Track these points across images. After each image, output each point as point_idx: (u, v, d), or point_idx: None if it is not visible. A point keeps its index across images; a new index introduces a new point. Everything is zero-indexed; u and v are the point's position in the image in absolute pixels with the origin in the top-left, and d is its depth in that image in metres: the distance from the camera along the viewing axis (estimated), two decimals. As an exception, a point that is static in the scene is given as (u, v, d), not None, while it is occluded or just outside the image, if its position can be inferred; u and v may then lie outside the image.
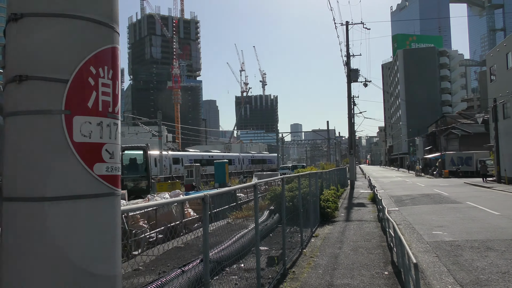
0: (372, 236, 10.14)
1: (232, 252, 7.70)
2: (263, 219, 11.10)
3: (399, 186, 32.13)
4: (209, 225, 4.84)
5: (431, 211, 15.69)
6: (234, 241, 8.68)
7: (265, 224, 10.30)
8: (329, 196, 13.63)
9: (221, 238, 9.61)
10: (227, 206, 14.19)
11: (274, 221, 11.03)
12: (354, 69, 31.45)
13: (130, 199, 14.70)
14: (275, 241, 9.45)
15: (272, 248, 8.79)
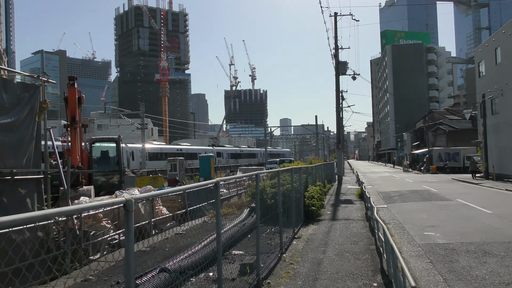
0: (360, 237, 9.29)
1: (200, 258, 6.76)
2: (242, 218, 10.15)
3: (387, 182, 31.55)
4: (182, 226, 3.81)
5: (421, 208, 14.96)
6: (205, 245, 7.76)
7: (243, 224, 9.37)
8: (314, 193, 12.76)
9: (194, 239, 8.65)
10: (206, 203, 13.23)
11: (254, 220, 10.10)
12: (343, 61, 30.63)
13: (100, 195, 13.61)
14: (253, 243, 8.54)
15: (247, 252, 7.87)
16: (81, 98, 13.09)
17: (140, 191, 11.04)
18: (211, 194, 13.35)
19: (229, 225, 8.68)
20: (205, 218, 10.99)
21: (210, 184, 4.46)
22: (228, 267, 6.63)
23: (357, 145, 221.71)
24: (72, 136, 12.34)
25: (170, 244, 8.32)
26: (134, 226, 7.64)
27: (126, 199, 2.68)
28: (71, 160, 12.07)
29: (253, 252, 7.86)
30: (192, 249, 7.38)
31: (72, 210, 2.81)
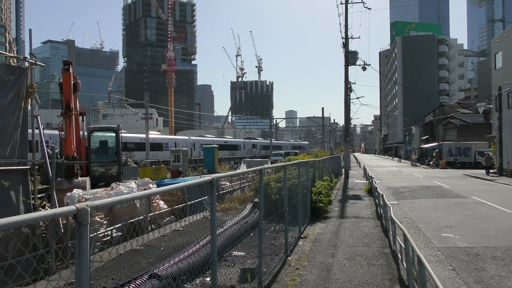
0: (372, 239, 8.55)
1: (197, 261, 6.09)
2: (244, 214, 9.45)
3: (396, 177, 30.68)
4: (180, 221, 3.37)
5: (435, 206, 14.16)
6: (204, 244, 7.09)
7: (245, 222, 8.67)
8: (321, 189, 12.02)
9: (193, 237, 7.97)
10: (207, 197, 12.57)
11: (257, 217, 9.39)
12: (353, 51, 29.62)
13: (97, 187, 12.99)
14: (256, 242, 7.84)
15: (249, 253, 7.17)
16: (77, 84, 12.39)
17: (137, 184, 10.39)
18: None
19: (230, 223, 7.96)
20: (206, 213, 10.33)
21: (204, 181, 3.74)
22: (227, 271, 5.94)
23: (363, 138, 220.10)
24: (67, 124, 11.67)
25: (166, 242, 7.67)
26: (128, 222, 6.93)
27: (77, 208, 1.96)
28: (66, 150, 11.45)
29: (255, 253, 7.17)
30: (189, 249, 6.71)
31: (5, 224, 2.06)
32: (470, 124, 53.03)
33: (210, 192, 3.61)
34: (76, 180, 11.47)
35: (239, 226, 8.11)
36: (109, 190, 9.99)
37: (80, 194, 9.10)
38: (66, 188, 10.60)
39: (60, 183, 11.05)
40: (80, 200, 8.79)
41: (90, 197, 9.05)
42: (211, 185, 3.59)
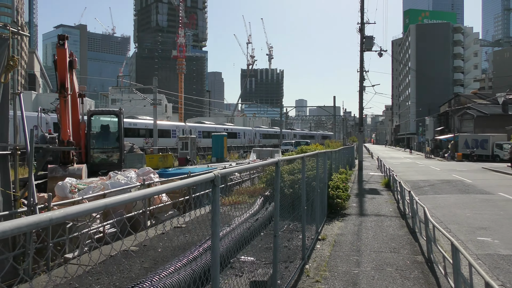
0: (399, 242, 7.51)
1: (198, 269, 5.15)
2: (254, 210, 8.45)
3: (412, 169, 29.46)
4: (183, 216, 2.71)
5: (460, 203, 13.04)
6: (207, 248, 6.14)
7: (255, 220, 7.67)
8: (339, 182, 10.97)
9: (194, 236, 7.03)
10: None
11: (268, 214, 8.37)
12: (369, 36, 28.15)
13: (97, 175, 12.10)
14: (268, 245, 6.86)
15: (260, 258, 6.19)
16: (73, 62, 11.39)
17: (137, 173, 9.46)
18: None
19: (238, 220, 6.93)
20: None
21: (203, 180, 2.69)
22: (234, 282, 4.97)
23: (374, 129, 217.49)
24: (62, 106, 10.71)
25: (165, 242, 6.74)
26: (125, 217, 5.92)
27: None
28: (61, 134, 10.54)
29: (267, 258, 6.19)
30: (191, 253, 5.76)
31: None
32: (488, 115, 51.25)
33: (212, 194, 2.60)
34: (71, 168, 10.58)
35: (248, 225, 7.11)
36: (105, 179, 9.08)
37: (73, 183, 8.21)
38: (60, 176, 9.74)
39: (54, 170, 10.18)
40: (72, 190, 7.90)
41: (83, 187, 8.16)
42: (213, 185, 2.57)
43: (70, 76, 11.20)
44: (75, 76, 12.03)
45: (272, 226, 8.22)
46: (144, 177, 8.88)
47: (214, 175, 2.51)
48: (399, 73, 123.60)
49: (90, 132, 13.54)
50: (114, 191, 7.49)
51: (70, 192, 7.77)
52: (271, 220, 8.16)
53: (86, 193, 7.70)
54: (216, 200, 2.58)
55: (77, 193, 7.76)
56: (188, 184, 2.27)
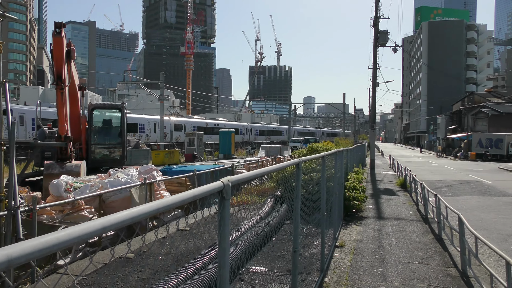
0: (426, 251, 6.76)
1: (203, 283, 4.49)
2: (264, 212, 7.74)
3: (425, 168, 28.52)
4: (188, 217, 2.27)
5: (483, 206, 12.22)
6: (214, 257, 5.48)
7: (266, 224, 6.95)
8: (355, 183, 10.23)
9: (199, 241, 6.36)
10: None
11: (280, 216, 7.63)
12: (383, 31, 27.26)
13: (98, 172, 11.48)
14: (280, 253, 6.16)
15: (272, 268, 5.48)
16: (71, 51, 10.73)
17: (139, 171, 8.82)
18: (227, 175, 10.73)
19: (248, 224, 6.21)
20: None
21: (211, 190, 1.98)
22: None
23: (383, 127, 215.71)
24: (58, 98, 10.07)
25: (166, 247, 6.07)
26: None
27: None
28: (58, 128, 9.91)
29: (280, 268, 5.50)
30: (194, 263, 5.08)
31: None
32: (503, 114, 50.00)
33: (219, 209, 1.90)
34: (69, 164, 9.95)
35: (258, 230, 6.39)
36: (104, 177, 8.45)
37: (68, 181, 7.58)
38: (56, 173, 9.13)
39: (50, 167, 9.57)
40: (67, 189, 7.28)
41: (80, 185, 7.53)
42: (221, 197, 1.88)
43: (68, 67, 10.54)
44: (74, 67, 11.39)
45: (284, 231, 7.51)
46: (146, 175, 8.24)
47: (223, 184, 1.81)
48: (410, 71, 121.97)
49: (91, 127, 12.93)
50: (113, 191, 6.84)
51: (65, 191, 7.15)
52: (283, 223, 7.45)
53: (82, 192, 7.08)
54: (225, 218, 1.88)
55: (72, 192, 7.15)
56: (186, 200, 1.57)
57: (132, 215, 1.23)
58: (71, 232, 1.01)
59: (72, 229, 1.04)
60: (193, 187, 9.51)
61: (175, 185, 9.44)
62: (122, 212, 1.24)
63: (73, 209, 6.49)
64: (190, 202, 1.58)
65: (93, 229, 1.07)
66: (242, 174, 2.25)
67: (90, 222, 1.12)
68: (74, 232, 1.01)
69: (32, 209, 4.54)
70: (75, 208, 6.56)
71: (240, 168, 14.18)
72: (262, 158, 18.09)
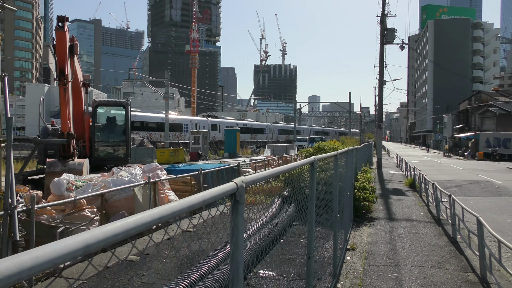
0: (442, 255, 6.47)
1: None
2: (271, 213, 7.47)
3: (433, 168, 28.12)
4: (193, 217, 2.14)
5: (496, 207, 11.89)
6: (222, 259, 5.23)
7: (275, 225, 6.68)
8: (365, 183, 9.95)
9: (205, 243, 6.11)
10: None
11: (288, 217, 7.36)
12: (390, 28, 26.87)
13: (102, 171, 11.28)
14: (290, 256, 5.92)
15: (282, 273, 5.23)
16: (74, 46, 10.49)
17: (143, 169, 8.60)
18: (233, 174, 10.42)
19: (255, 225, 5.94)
20: (225, 209, 8.44)
21: (223, 193, 1.72)
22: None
23: (388, 126, 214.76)
24: (61, 94, 9.84)
25: (171, 250, 5.83)
26: None
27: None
28: (61, 125, 9.69)
29: (290, 272, 5.25)
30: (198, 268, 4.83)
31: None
32: (511, 113, 49.35)
33: (233, 216, 1.65)
34: (71, 162, 9.73)
35: (267, 231, 6.12)
36: (107, 176, 8.23)
37: (70, 180, 7.37)
38: (58, 171, 8.93)
39: (52, 165, 9.36)
40: (69, 188, 7.06)
41: (82, 184, 7.32)
42: (234, 201, 1.63)
43: (71, 62, 10.31)
44: (77, 63, 11.17)
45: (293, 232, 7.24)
46: (150, 174, 8.01)
47: (237, 186, 1.55)
48: (416, 69, 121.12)
49: (95, 124, 12.72)
50: (115, 190, 6.61)
51: (66, 190, 6.94)
52: (292, 224, 7.18)
53: (85, 191, 6.86)
54: (239, 225, 1.63)
55: (74, 191, 6.94)
56: (195, 205, 1.31)
57: (123, 228, 0.98)
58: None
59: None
60: (199, 187, 9.26)
61: (180, 184, 9.21)
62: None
63: (74, 208, 6.28)
64: (199, 207, 1.33)
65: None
66: (257, 174, 1.99)
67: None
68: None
69: (30, 209, 4.32)
70: (77, 208, 6.34)
71: (246, 167, 13.94)
72: (269, 157, 17.83)
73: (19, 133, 53.57)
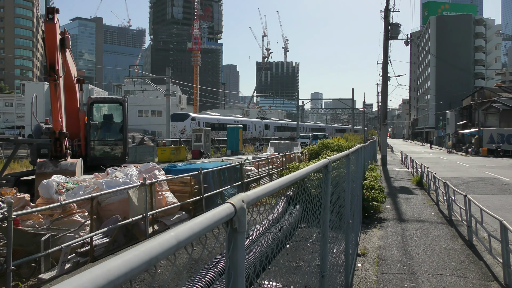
0: (459, 260, 6.01)
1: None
2: (276, 213, 6.98)
3: (438, 165, 27.61)
4: (192, 221, 1.58)
5: (508, 205, 11.44)
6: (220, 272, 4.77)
7: (279, 229, 6.22)
8: (374, 182, 9.49)
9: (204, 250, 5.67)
10: (228, 187, 10.20)
11: (294, 220, 6.89)
12: (395, 23, 26.32)
13: (98, 171, 10.83)
14: (297, 263, 5.45)
15: (289, 284, 4.78)
16: (66, 40, 9.97)
17: (139, 169, 8.15)
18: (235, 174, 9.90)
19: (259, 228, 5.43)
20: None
21: (213, 223, 1.27)
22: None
23: (391, 123, 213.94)
24: (52, 91, 9.35)
25: (167, 257, 5.38)
26: (118, 224, 4.55)
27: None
28: (52, 123, 9.23)
29: (297, 283, 4.82)
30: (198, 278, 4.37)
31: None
32: (515, 109, 48.83)
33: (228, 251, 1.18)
34: (63, 163, 9.26)
35: (272, 237, 5.65)
36: (100, 177, 7.79)
37: (60, 182, 6.92)
38: (49, 172, 8.48)
39: (43, 166, 8.91)
40: (59, 190, 6.63)
41: (73, 186, 6.88)
42: (230, 229, 1.16)
43: (63, 57, 9.81)
44: (70, 57, 10.68)
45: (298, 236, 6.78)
46: (147, 174, 7.57)
47: (235, 208, 1.10)
48: (418, 66, 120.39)
49: (90, 122, 12.25)
50: (108, 193, 6.16)
51: (56, 193, 6.50)
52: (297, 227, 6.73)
53: (76, 194, 6.42)
54: (238, 264, 1.18)
55: (64, 194, 6.50)
56: (192, 236, 0.86)
57: None
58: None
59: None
60: (199, 187, 8.82)
61: (179, 185, 8.76)
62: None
63: (63, 213, 5.84)
64: (170, 252, 0.88)
65: None
66: (261, 188, 1.54)
67: None
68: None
69: (7, 216, 3.88)
70: (66, 212, 5.91)
71: (248, 166, 13.49)
72: (272, 155, 17.38)
73: (18, 132, 53.17)
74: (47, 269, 4.99)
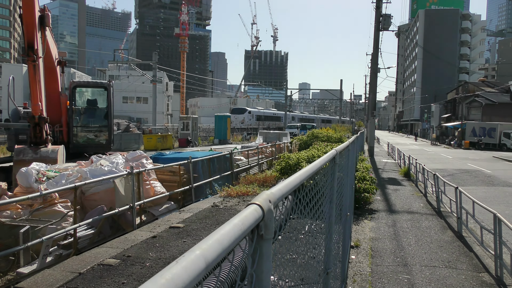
0: (450, 252, 6.01)
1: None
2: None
3: (423, 157, 27.91)
4: (182, 210, 1.40)
5: (491, 197, 11.61)
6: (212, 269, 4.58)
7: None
8: (365, 173, 9.44)
9: (194, 241, 5.49)
10: (218, 176, 10.01)
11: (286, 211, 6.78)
12: (386, 14, 26.21)
13: (81, 159, 10.49)
14: (290, 255, 5.34)
15: (284, 277, 4.67)
16: (45, 17, 9.39)
17: (126, 158, 7.88)
18: (225, 163, 9.69)
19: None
20: (216, 201, 7.82)
21: (243, 232, 1.18)
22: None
23: (377, 114, 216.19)
24: (31, 72, 8.84)
25: (156, 250, 5.16)
26: (103, 215, 4.31)
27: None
28: (31, 108, 8.80)
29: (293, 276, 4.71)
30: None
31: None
32: (496, 103, 49.95)
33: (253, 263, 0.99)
34: (44, 149, 8.84)
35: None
36: (84, 165, 7.50)
37: (41, 170, 6.61)
38: (29, 159, 8.11)
39: (21, 152, 8.49)
40: (39, 179, 6.33)
41: (55, 174, 6.59)
42: (257, 236, 0.98)
43: (42, 36, 9.26)
44: (50, 37, 10.12)
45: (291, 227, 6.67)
46: (134, 163, 7.31)
47: (263, 211, 0.93)
48: (405, 59, 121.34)
49: (73, 107, 11.78)
50: (93, 182, 5.90)
51: (36, 182, 6.19)
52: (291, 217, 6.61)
53: (57, 183, 6.13)
54: (264, 278, 1.00)
55: (45, 183, 6.20)
56: (222, 253, 0.68)
57: None
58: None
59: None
60: (188, 177, 8.61)
61: (168, 174, 8.54)
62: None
63: (44, 203, 5.56)
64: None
65: None
66: (284, 184, 1.37)
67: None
68: None
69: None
70: (47, 202, 5.63)
71: (238, 155, 13.31)
72: (261, 144, 17.23)
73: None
74: (27, 262, 4.74)
